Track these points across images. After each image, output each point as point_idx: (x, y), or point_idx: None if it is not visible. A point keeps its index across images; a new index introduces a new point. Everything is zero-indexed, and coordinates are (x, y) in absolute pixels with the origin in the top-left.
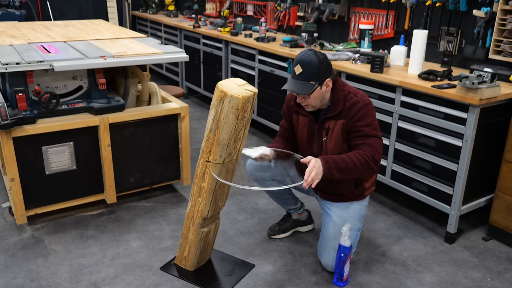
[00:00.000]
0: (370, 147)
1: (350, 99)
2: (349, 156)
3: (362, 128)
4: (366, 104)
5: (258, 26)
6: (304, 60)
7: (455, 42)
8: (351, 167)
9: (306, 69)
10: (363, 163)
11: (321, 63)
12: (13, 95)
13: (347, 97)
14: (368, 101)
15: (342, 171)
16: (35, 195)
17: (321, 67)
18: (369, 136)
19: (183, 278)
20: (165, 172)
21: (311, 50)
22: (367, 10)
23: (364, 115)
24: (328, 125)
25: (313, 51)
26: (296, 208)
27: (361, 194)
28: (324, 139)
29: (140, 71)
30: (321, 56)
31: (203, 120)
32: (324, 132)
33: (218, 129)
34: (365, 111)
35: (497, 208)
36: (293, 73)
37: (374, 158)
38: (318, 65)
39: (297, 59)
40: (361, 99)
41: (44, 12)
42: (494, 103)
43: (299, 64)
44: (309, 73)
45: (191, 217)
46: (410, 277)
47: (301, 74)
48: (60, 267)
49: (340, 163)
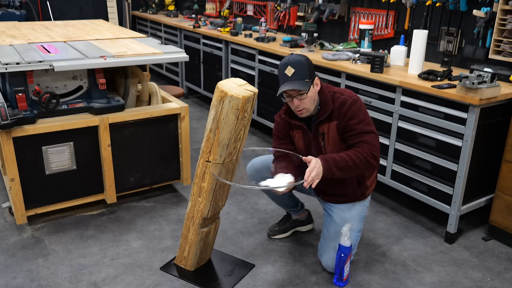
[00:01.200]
0: (367, 144)
1: (337, 99)
2: (348, 155)
3: (356, 126)
4: (355, 100)
5: (258, 26)
6: (293, 60)
7: (455, 42)
8: (351, 165)
9: (298, 68)
10: (362, 161)
11: (308, 62)
12: (13, 95)
13: (334, 97)
14: (355, 97)
15: (342, 169)
16: (35, 195)
17: (309, 66)
18: (364, 133)
19: (183, 278)
20: (165, 172)
21: (293, 53)
22: (367, 10)
23: (355, 113)
24: (322, 129)
25: (295, 53)
26: (296, 209)
27: (363, 194)
28: (322, 144)
29: (140, 71)
30: (304, 56)
31: (203, 120)
32: (320, 137)
33: (218, 129)
34: (355, 108)
35: (497, 208)
36: (284, 76)
37: (373, 155)
38: (307, 64)
39: (284, 62)
40: (348, 96)
41: (44, 12)
42: (494, 103)
43: (289, 65)
44: (302, 71)
45: (191, 217)
46: (410, 277)
47: (294, 74)
48: (60, 267)
49: (339, 162)
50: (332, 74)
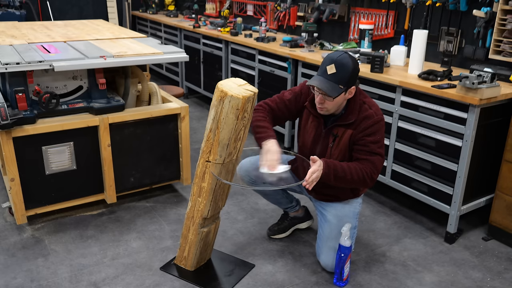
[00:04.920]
0: (372, 164)
1: (364, 111)
2: (349, 167)
3: (370, 144)
4: (379, 120)
5: (258, 26)
6: (340, 61)
7: (455, 42)
8: (348, 179)
9: (340, 71)
10: (360, 178)
11: (355, 69)
12: (13, 95)
13: (362, 107)
14: (381, 117)
15: (339, 179)
16: (35, 195)
17: (353, 73)
18: (374, 153)
19: (183, 278)
20: (165, 172)
21: (347, 53)
22: (367, 10)
23: (375, 132)
24: (337, 131)
25: (349, 54)
26: (291, 206)
27: (355, 195)
28: (331, 145)
29: (140, 71)
30: (355, 62)
31: (203, 120)
32: (332, 138)
33: (218, 129)
34: (376, 128)
35: (497, 208)
36: (323, 71)
37: (372, 177)
38: (352, 71)
39: (331, 58)
40: (375, 113)
41: (44, 12)
42: (494, 103)
43: (334, 64)
44: (341, 76)
45: (191, 217)
46: (410, 277)
47: (333, 75)
48: (60, 267)
49: (339, 172)
50: None
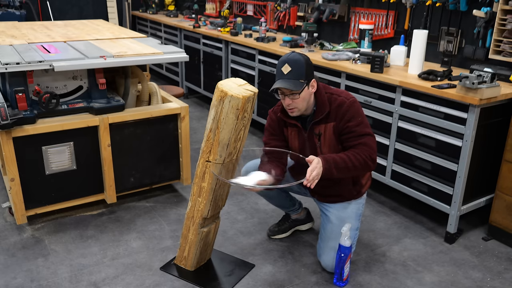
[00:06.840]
0: (366, 146)
1: (335, 100)
2: (348, 156)
3: (355, 129)
4: (353, 102)
5: (258, 26)
6: (292, 59)
7: (455, 42)
8: (350, 166)
9: (294, 67)
10: (361, 162)
11: (307, 63)
12: (13, 95)
13: (331, 98)
14: (353, 98)
15: (341, 170)
16: (35, 195)
17: (307, 67)
18: (362, 135)
19: (183, 278)
20: (165, 172)
21: (294, 52)
22: (367, 10)
23: (353, 115)
24: (318, 130)
25: (297, 52)
26: (294, 209)
27: (358, 192)
28: (318, 144)
29: (140, 71)
30: (305, 56)
31: (203, 120)
32: (316, 138)
33: (218, 129)
34: (353, 110)
35: (497, 208)
36: (280, 73)
37: (372, 157)
38: (305, 64)
39: (283, 59)
40: (346, 98)
41: (44, 12)
42: (494, 103)
43: (287, 63)
44: (298, 71)
45: (191, 217)
46: (410, 277)
47: (290, 73)
48: (60, 267)
49: (339, 163)
50: (332, 74)
